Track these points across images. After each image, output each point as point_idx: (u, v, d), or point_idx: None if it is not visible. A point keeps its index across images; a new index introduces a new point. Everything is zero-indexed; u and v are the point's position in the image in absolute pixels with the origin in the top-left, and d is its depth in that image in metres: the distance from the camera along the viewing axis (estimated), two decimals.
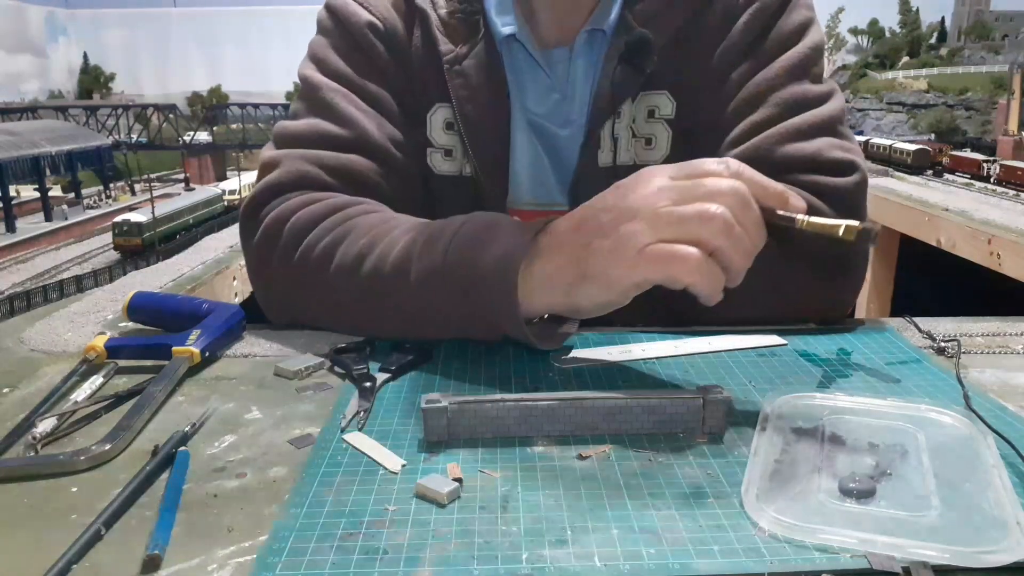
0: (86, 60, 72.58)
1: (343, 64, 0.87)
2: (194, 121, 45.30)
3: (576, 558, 0.41)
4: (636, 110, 0.86)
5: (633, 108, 0.86)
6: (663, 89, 0.86)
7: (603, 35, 0.85)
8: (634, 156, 0.87)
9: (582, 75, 0.87)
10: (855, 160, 0.80)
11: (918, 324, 0.76)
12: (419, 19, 0.87)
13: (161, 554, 0.42)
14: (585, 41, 0.86)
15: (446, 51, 0.85)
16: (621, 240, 0.59)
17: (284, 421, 0.58)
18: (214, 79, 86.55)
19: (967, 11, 58.35)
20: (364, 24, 0.87)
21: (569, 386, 0.63)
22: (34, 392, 0.63)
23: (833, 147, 0.80)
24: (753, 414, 0.56)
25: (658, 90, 0.86)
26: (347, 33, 0.88)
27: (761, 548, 0.42)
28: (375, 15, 0.87)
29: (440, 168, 0.90)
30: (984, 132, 36.48)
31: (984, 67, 44.65)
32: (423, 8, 0.86)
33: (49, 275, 18.47)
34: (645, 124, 0.87)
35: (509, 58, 0.88)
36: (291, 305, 0.79)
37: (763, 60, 0.83)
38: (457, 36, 0.85)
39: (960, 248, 8.90)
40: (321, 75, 0.87)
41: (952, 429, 0.54)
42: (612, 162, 0.87)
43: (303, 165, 0.81)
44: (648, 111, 0.86)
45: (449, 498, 0.47)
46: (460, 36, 0.85)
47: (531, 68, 0.88)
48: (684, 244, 0.57)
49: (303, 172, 0.81)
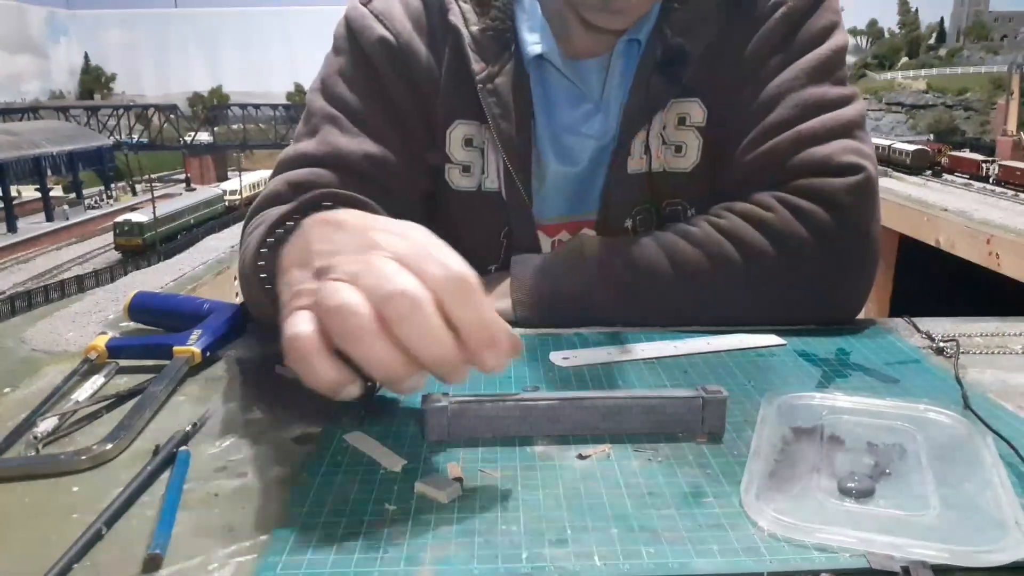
0: (87, 60, 72.64)
1: (345, 88, 0.88)
2: (195, 121, 45.31)
3: (576, 558, 0.41)
4: (667, 118, 0.87)
5: (664, 116, 0.86)
6: (694, 97, 0.86)
7: (638, 45, 0.86)
8: (664, 164, 0.88)
9: (618, 84, 0.87)
10: (861, 162, 0.78)
11: (917, 324, 0.76)
12: (451, 36, 0.86)
13: (162, 553, 0.42)
14: (623, 51, 0.86)
15: (479, 70, 0.85)
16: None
17: (284, 421, 0.58)
18: (215, 79, 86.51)
19: (966, 11, 58.37)
20: (375, 40, 0.87)
21: (569, 386, 0.63)
22: (35, 392, 0.63)
23: (846, 151, 0.79)
24: (753, 414, 0.56)
25: (689, 98, 0.86)
26: (357, 49, 0.88)
27: (760, 547, 0.42)
28: (390, 30, 0.87)
29: (458, 184, 0.90)
30: (983, 132, 36.52)
31: (983, 67, 44.68)
32: (456, 25, 0.85)
33: (50, 275, 18.49)
34: (675, 131, 0.87)
35: (538, 75, 0.88)
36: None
37: (779, 65, 0.83)
38: (488, 54, 0.85)
39: (959, 248, 8.91)
40: (321, 98, 0.89)
41: (951, 429, 0.54)
42: (643, 169, 0.88)
43: (275, 186, 0.85)
44: (679, 118, 0.87)
45: (449, 498, 0.47)
46: (491, 54, 0.85)
47: (561, 82, 0.88)
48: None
49: (274, 192, 0.85)
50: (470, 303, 0.45)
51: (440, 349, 0.44)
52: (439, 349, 0.44)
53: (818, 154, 0.79)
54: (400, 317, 0.43)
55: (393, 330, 0.44)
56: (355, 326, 0.44)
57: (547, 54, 0.86)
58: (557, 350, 0.70)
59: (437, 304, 0.44)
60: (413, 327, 0.44)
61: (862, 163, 0.79)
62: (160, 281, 6.20)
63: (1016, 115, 29.88)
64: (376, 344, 0.44)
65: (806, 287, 0.77)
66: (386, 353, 0.44)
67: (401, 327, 0.44)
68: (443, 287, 0.44)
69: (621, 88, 0.87)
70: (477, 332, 0.45)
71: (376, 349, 0.44)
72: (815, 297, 0.78)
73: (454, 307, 0.44)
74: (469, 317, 0.45)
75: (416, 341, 0.44)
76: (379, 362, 0.44)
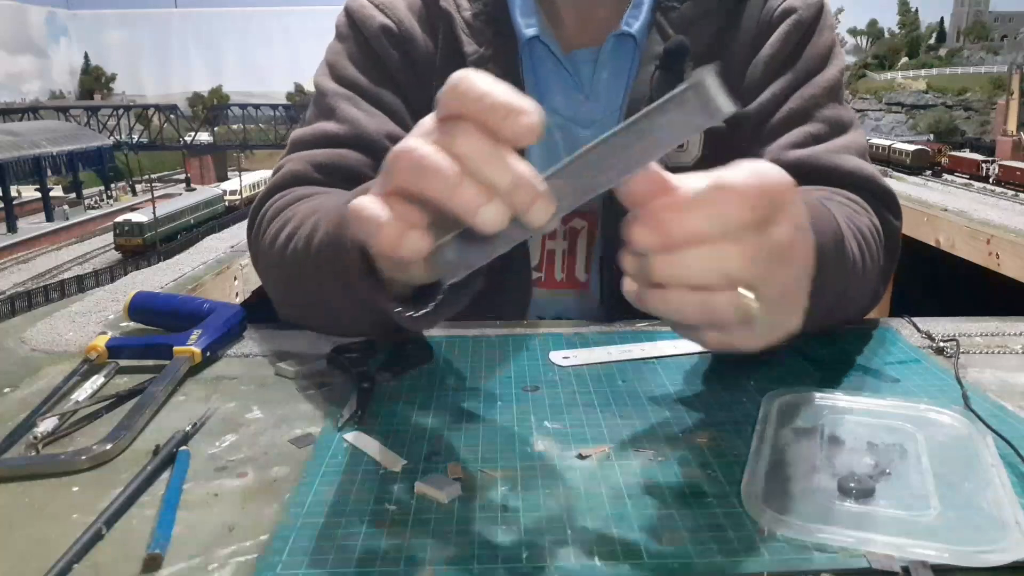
0: (87, 60, 72.64)
1: (353, 70, 0.88)
2: (195, 121, 45.33)
3: (576, 558, 0.41)
4: None
5: None
6: None
7: (632, 41, 0.86)
8: (666, 159, 0.88)
9: (608, 78, 0.88)
10: (895, 193, 0.82)
11: (917, 324, 0.76)
12: (443, 21, 0.87)
13: (162, 553, 0.42)
14: (613, 45, 0.87)
15: (471, 52, 0.85)
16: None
17: (285, 421, 0.58)
18: (215, 79, 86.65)
19: (966, 12, 58.38)
20: (378, 27, 0.88)
21: (569, 386, 0.63)
22: (35, 392, 0.63)
23: (878, 175, 0.82)
24: (753, 414, 0.56)
25: None
26: (361, 37, 0.89)
27: (760, 548, 0.42)
28: (391, 18, 0.88)
29: None
30: (983, 132, 36.53)
31: (983, 67, 44.69)
32: (447, 10, 0.86)
33: (50, 275, 18.49)
34: None
35: (532, 60, 0.88)
36: (273, 297, 0.80)
37: (800, 75, 0.85)
38: (482, 37, 0.86)
39: (959, 248, 8.89)
40: (331, 81, 0.88)
41: (951, 429, 0.54)
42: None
43: (296, 165, 0.83)
44: None
45: (449, 498, 0.47)
46: (485, 37, 0.86)
47: (556, 69, 0.89)
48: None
49: (294, 171, 0.83)
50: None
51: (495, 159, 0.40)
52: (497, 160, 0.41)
53: (866, 169, 0.81)
54: (464, 149, 0.41)
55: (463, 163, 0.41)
56: (420, 156, 0.42)
57: (542, 36, 0.86)
58: (557, 350, 0.70)
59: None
60: (471, 146, 0.40)
61: (888, 186, 0.83)
62: (160, 281, 6.19)
63: (1016, 115, 29.90)
64: (443, 164, 0.41)
65: (878, 290, 0.78)
66: (454, 176, 0.41)
67: (462, 149, 0.41)
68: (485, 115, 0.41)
69: (612, 83, 0.88)
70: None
71: (445, 169, 0.41)
72: (873, 300, 0.78)
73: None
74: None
75: (478, 156, 0.41)
76: (446, 184, 0.41)
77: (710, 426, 0.56)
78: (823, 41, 0.87)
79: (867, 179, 0.80)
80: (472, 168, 0.41)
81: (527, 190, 0.41)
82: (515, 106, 0.40)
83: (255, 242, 0.81)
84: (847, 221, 0.66)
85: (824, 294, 0.57)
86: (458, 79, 0.42)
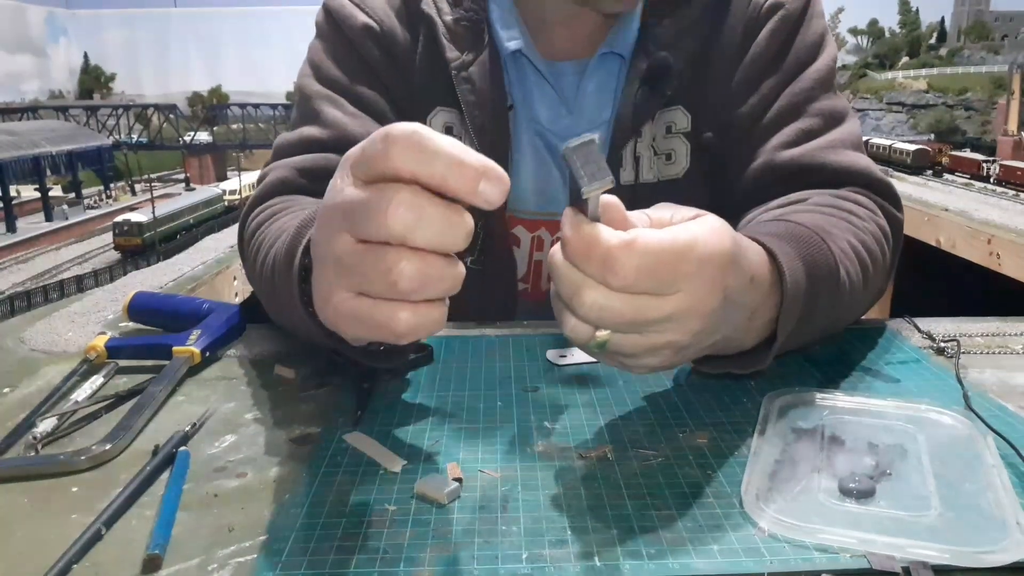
0: (86, 60, 72.58)
1: (337, 70, 0.87)
2: (194, 121, 45.33)
3: (576, 558, 0.41)
4: (655, 129, 0.87)
5: (653, 127, 0.87)
6: (677, 105, 0.86)
7: (619, 59, 0.86)
8: (657, 173, 0.88)
9: (593, 93, 0.87)
10: (885, 176, 0.81)
11: (918, 324, 0.76)
12: (424, 25, 0.86)
13: (161, 554, 0.42)
14: (599, 62, 0.86)
15: (452, 58, 0.85)
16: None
17: (284, 421, 0.58)
18: (214, 79, 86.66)
19: (967, 11, 58.37)
20: (360, 27, 0.87)
21: (569, 386, 0.63)
22: (34, 392, 0.63)
23: (874, 167, 0.81)
24: (753, 414, 0.56)
25: (673, 107, 0.86)
26: (343, 36, 0.88)
27: (761, 548, 0.42)
28: (372, 18, 0.87)
29: None
30: (984, 132, 36.54)
31: (984, 67, 44.69)
32: (428, 14, 0.85)
33: (49, 275, 18.49)
34: (664, 140, 0.87)
35: (516, 71, 0.88)
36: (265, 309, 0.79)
37: (790, 70, 0.84)
38: (463, 43, 0.85)
39: (960, 248, 8.87)
40: (315, 82, 0.88)
41: (952, 429, 0.54)
42: (634, 180, 0.87)
43: (281, 172, 0.83)
44: (666, 127, 0.87)
45: (449, 498, 0.47)
46: (466, 44, 0.85)
47: (538, 81, 0.88)
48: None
49: (280, 179, 0.83)
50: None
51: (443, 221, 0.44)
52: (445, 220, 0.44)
53: (859, 163, 0.80)
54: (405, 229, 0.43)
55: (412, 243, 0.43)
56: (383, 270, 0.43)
57: (525, 49, 0.85)
58: (555, 348, 0.70)
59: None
60: (418, 228, 0.43)
61: (893, 185, 0.82)
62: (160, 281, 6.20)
63: (1017, 115, 29.89)
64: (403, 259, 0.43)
65: (882, 287, 0.77)
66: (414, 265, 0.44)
67: (414, 239, 0.43)
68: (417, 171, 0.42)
69: (598, 97, 0.87)
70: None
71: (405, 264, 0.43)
72: (877, 297, 0.77)
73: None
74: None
75: (427, 232, 0.44)
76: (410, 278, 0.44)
77: (710, 426, 0.56)
78: (812, 31, 0.85)
79: (862, 173, 0.80)
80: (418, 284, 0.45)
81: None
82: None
83: (242, 254, 0.81)
84: (848, 244, 0.67)
85: (813, 322, 0.60)
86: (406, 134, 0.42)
